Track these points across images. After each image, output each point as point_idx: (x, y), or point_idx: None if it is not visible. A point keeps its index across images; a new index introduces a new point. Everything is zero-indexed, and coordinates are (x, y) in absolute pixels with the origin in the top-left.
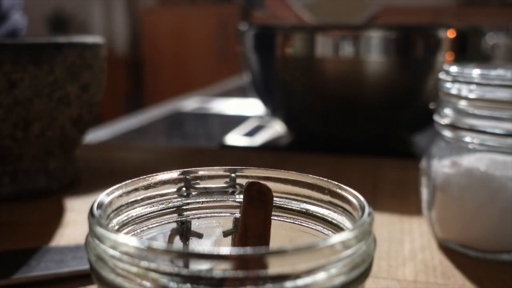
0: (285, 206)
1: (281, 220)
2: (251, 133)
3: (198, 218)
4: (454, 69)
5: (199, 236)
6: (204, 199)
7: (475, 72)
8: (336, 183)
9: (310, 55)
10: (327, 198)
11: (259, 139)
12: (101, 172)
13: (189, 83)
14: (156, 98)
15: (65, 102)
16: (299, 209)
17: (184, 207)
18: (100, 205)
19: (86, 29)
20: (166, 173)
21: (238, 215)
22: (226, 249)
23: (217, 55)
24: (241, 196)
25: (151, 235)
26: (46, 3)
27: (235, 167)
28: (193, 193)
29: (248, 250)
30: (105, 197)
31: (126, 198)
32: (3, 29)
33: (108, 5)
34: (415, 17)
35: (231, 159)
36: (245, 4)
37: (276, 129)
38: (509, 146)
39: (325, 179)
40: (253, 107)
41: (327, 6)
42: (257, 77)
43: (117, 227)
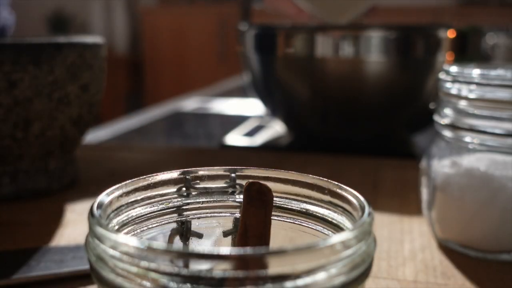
0: (285, 206)
1: (281, 220)
2: (251, 133)
3: (198, 218)
4: (454, 69)
5: (199, 236)
6: (204, 199)
7: (475, 72)
8: (336, 183)
9: (310, 55)
10: (327, 198)
11: (259, 139)
12: (101, 172)
13: (189, 83)
14: (156, 98)
15: (65, 102)
16: (299, 209)
17: (184, 207)
18: (100, 205)
19: (86, 29)
20: (166, 173)
21: (238, 215)
22: (226, 249)
23: (217, 55)
24: (241, 196)
25: (151, 235)
26: (46, 3)
27: (235, 167)
28: (193, 193)
29: (248, 250)
30: (105, 197)
31: (126, 198)
32: None
33: (108, 5)
34: (415, 17)
35: (231, 159)
36: None
37: (276, 129)
38: (509, 146)
39: (325, 179)
40: (253, 107)
41: None
42: (257, 77)
43: (117, 227)
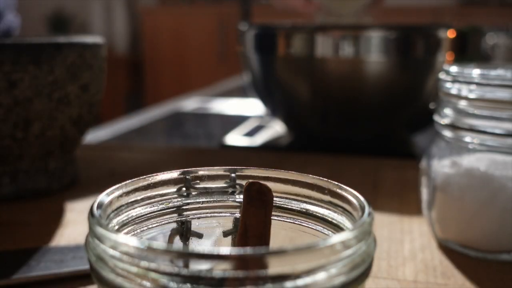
0: (285, 206)
1: (281, 220)
2: (251, 133)
3: (198, 218)
4: (454, 69)
5: (199, 236)
6: (204, 199)
7: (475, 72)
8: (336, 183)
9: (310, 55)
10: (327, 198)
11: (259, 139)
12: (101, 172)
13: (189, 83)
14: (156, 98)
15: (65, 102)
16: (299, 209)
17: (184, 207)
18: (100, 205)
19: (86, 29)
20: (166, 173)
21: (238, 215)
22: (226, 249)
23: (217, 55)
24: (241, 196)
25: (151, 235)
26: (46, 3)
27: (235, 167)
28: (193, 193)
29: (248, 250)
30: (105, 197)
31: (126, 198)
32: None
33: (108, 5)
34: (415, 17)
35: (231, 159)
36: None
37: (276, 129)
38: (509, 146)
39: (325, 179)
40: (253, 107)
41: None
42: (257, 77)
43: (117, 227)
